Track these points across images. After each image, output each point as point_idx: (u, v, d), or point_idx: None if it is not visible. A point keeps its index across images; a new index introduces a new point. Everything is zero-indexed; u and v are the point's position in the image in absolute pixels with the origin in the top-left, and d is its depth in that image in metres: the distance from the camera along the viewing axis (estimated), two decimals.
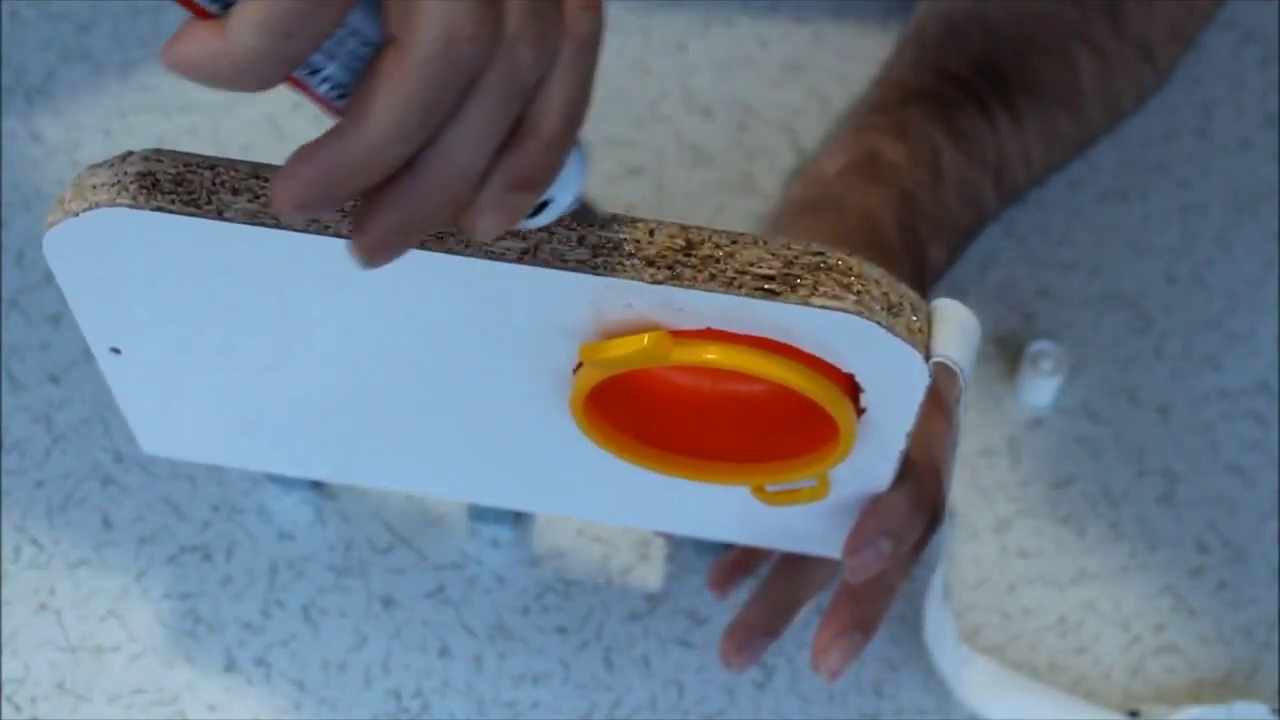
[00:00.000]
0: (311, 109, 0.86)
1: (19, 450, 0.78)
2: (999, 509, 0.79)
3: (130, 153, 0.55)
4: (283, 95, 0.87)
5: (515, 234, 0.54)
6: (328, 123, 0.90)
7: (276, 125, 0.86)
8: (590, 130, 0.87)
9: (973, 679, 0.74)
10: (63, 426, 0.78)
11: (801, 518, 0.66)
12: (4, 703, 0.73)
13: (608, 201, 0.84)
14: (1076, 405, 0.81)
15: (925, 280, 0.77)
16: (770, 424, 0.61)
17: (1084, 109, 0.83)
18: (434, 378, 0.61)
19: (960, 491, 0.79)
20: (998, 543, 0.78)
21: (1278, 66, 0.89)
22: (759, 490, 0.64)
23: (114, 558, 0.76)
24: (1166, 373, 0.82)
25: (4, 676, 0.74)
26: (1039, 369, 0.80)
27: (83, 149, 0.84)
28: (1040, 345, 0.80)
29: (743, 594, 0.75)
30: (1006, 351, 0.82)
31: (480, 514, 0.76)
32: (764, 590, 0.71)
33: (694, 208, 0.85)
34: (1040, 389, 0.80)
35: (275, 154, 0.85)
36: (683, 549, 0.77)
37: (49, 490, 0.77)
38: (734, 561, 0.73)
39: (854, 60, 0.89)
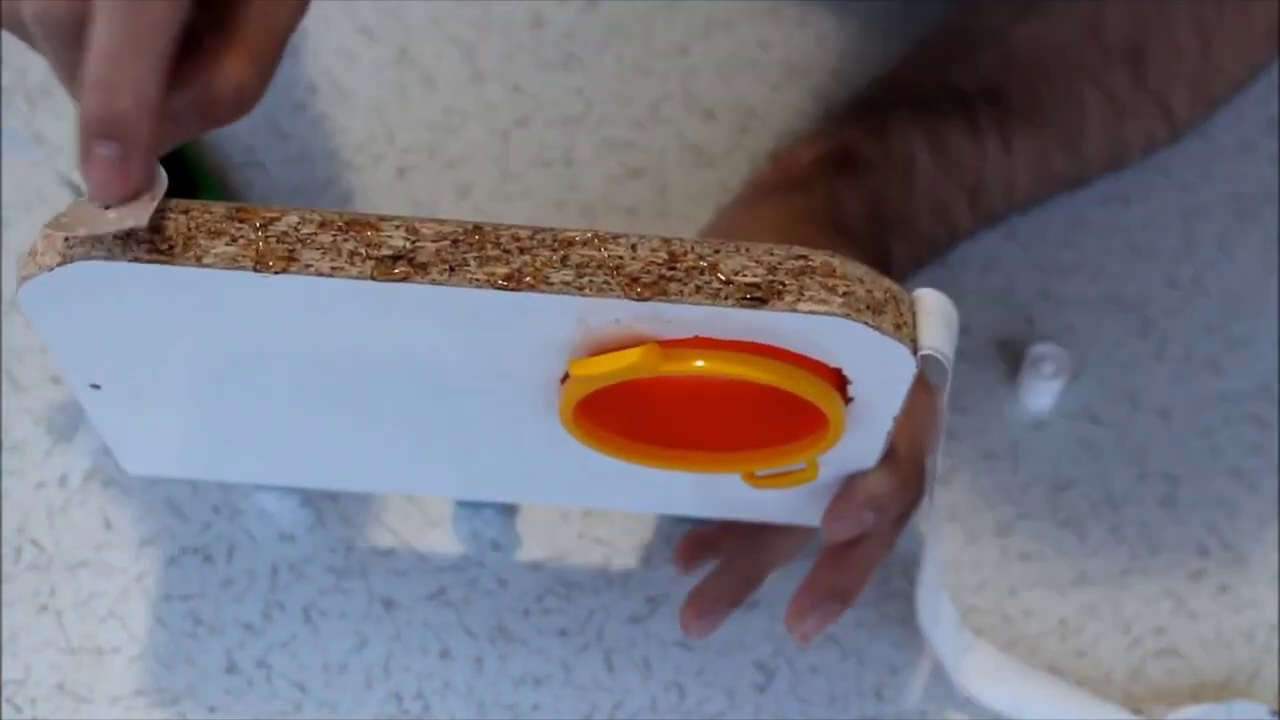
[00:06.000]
0: (313, 111, 0.86)
1: (19, 451, 0.78)
2: (1000, 512, 0.79)
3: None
4: (284, 96, 0.87)
5: (496, 259, 0.54)
6: (328, 124, 0.90)
7: (278, 127, 0.86)
8: (591, 131, 0.87)
9: (973, 666, 0.74)
10: (63, 428, 0.78)
11: (788, 494, 0.66)
12: (4, 704, 0.73)
13: (608, 203, 0.85)
14: (1078, 408, 0.81)
15: (889, 274, 0.77)
16: (759, 413, 0.61)
17: (1084, 152, 0.83)
18: (420, 395, 0.62)
19: (961, 494, 0.79)
20: (999, 546, 0.78)
21: (1278, 70, 0.89)
22: (748, 475, 0.64)
23: (114, 559, 0.76)
24: (1168, 376, 0.82)
25: (4, 678, 0.74)
26: (1040, 372, 0.80)
27: None
28: (1041, 348, 0.80)
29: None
30: (1007, 354, 0.82)
31: (463, 501, 0.76)
32: (729, 561, 0.72)
33: (695, 210, 0.85)
34: (1041, 392, 0.80)
35: (276, 155, 0.85)
36: None
37: (49, 491, 0.77)
38: (704, 539, 0.73)
39: (856, 63, 0.89)
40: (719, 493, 0.67)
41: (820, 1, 0.90)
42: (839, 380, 0.58)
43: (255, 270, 0.54)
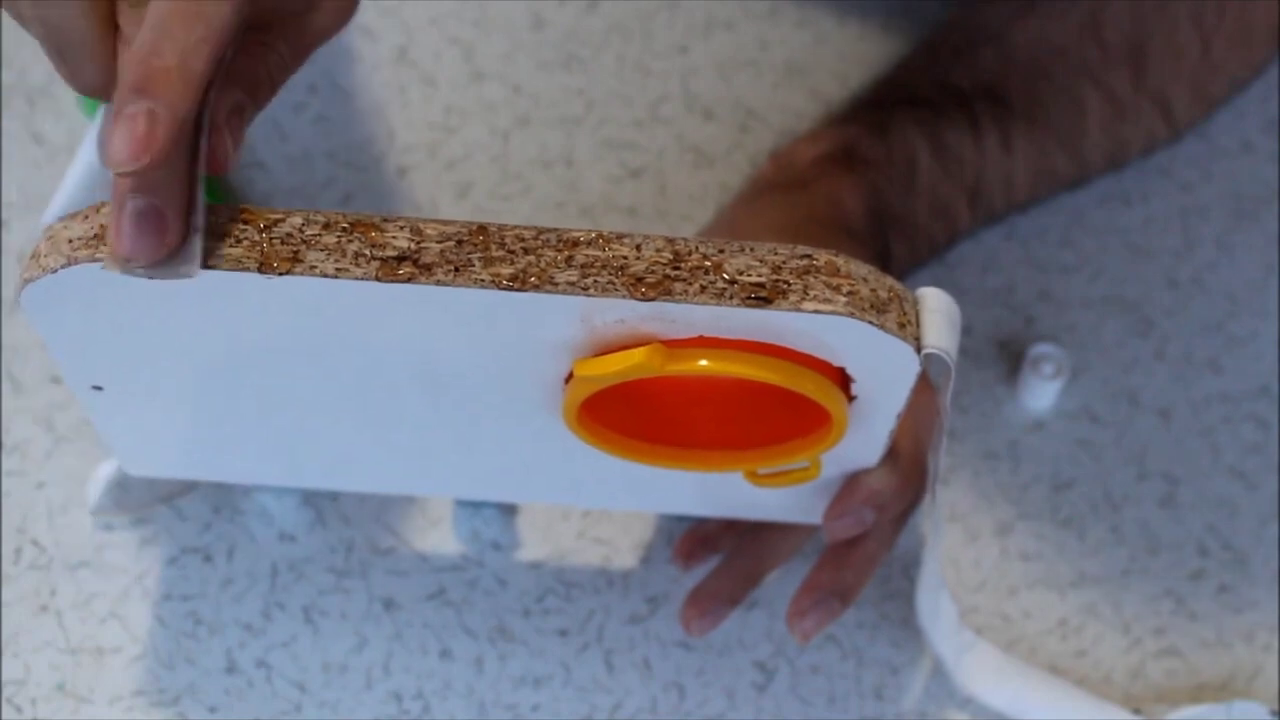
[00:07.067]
0: (313, 111, 0.86)
1: (20, 451, 0.78)
2: (1000, 512, 0.79)
3: (104, 203, 0.55)
4: (284, 97, 0.86)
5: (501, 259, 0.54)
6: (328, 124, 0.90)
7: (279, 127, 0.86)
8: (591, 131, 0.87)
9: (974, 666, 0.74)
10: (64, 428, 0.78)
11: (790, 493, 0.66)
12: (5, 704, 0.73)
13: (609, 203, 0.85)
14: (1078, 408, 0.81)
15: (888, 272, 0.77)
16: (763, 411, 0.61)
17: (1084, 152, 0.83)
18: (423, 395, 0.62)
19: (961, 494, 0.79)
20: (999, 546, 0.78)
21: (1278, 70, 0.89)
22: (751, 474, 0.64)
23: (115, 559, 0.76)
24: (1167, 376, 0.82)
25: (5, 678, 0.74)
26: (1040, 372, 0.80)
27: None
28: (1041, 349, 0.80)
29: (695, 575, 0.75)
30: (1007, 355, 0.82)
31: (463, 501, 0.76)
32: (729, 558, 0.72)
33: (695, 210, 0.85)
34: (1041, 392, 0.80)
35: (277, 156, 0.85)
36: None
37: (50, 492, 0.77)
38: (704, 536, 0.74)
39: (856, 63, 0.89)
40: (721, 492, 0.67)
41: (820, 1, 0.90)
42: (842, 379, 0.58)
43: (260, 272, 0.54)
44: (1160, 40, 0.81)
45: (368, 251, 0.54)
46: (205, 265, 0.54)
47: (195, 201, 0.54)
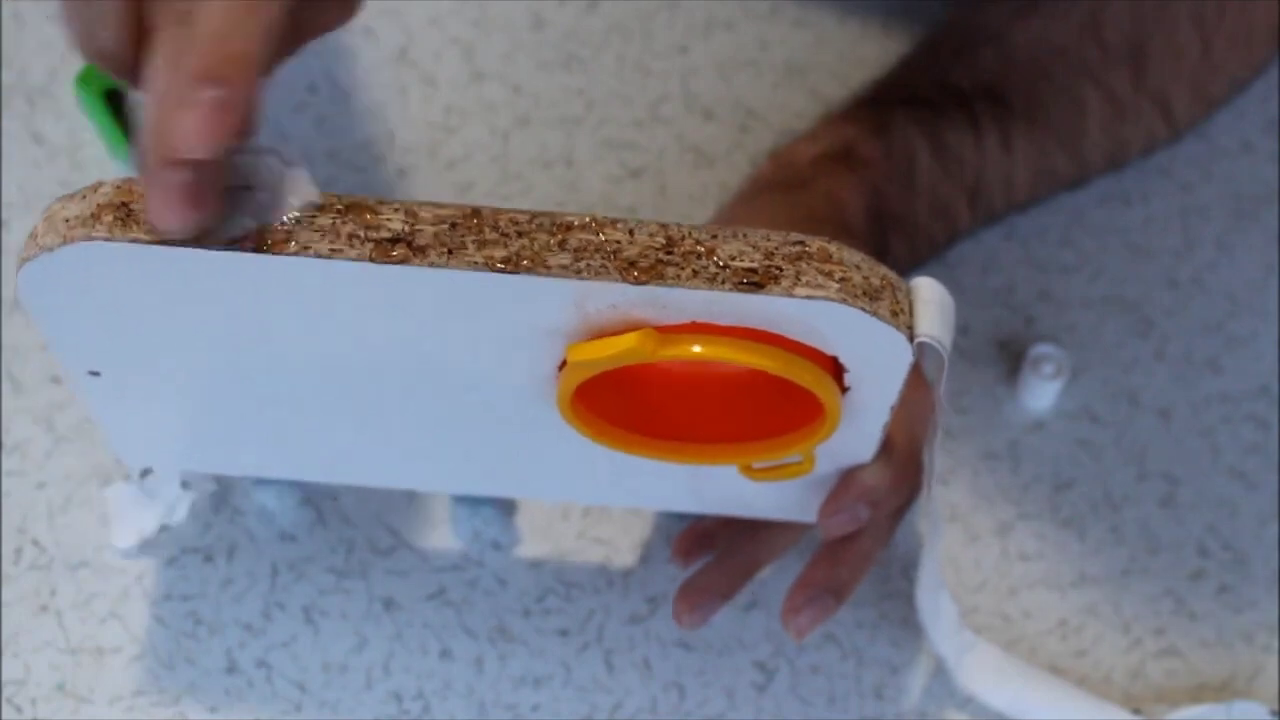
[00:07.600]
0: (313, 111, 0.86)
1: (20, 451, 0.78)
2: (1000, 512, 0.79)
3: (101, 182, 0.55)
4: (284, 97, 0.87)
5: (495, 242, 0.54)
6: (328, 124, 0.90)
7: (279, 126, 0.86)
8: (591, 131, 0.87)
9: (974, 665, 0.74)
10: (64, 428, 0.78)
11: (784, 489, 0.66)
12: (5, 704, 0.73)
13: (608, 203, 0.85)
14: (1078, 408, 0.81)
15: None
16: (756, 404, 0.61)
17: (1084, 152, 0.83)
18: (418, 385, 0.62)
19: (961, 494, 0.79)
20: (999, 546, 0.78)
21: (1278, 70, 0.89)
22: (746, 468, 0.64)
23: (115, 559, 0.76)
24: (1167, 376, 0.82)
25: (5, 678, 0.74)
26: (1040, 372, 0.80)
27: (84, 150, 0.84)
28: (1041, 349, 0.80)
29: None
30: (1007, 355, 0.82)
31: (463, 500, 0.76)
32: (722, 554, 0.72)
33: (695, 210, 0.85)
34: (1041, 392, 0.80)
35: None
36: None
37: (50, 492, 0.77)
38: (702, 533, 0.74)
39: (856, 63, 0.89)
40: (717, 488, 0.67)
41: (820, 1, 0.90)
42: (835, 368, 0.58)
43: (254, 250, 0.54)
44: (1160, 40, 0.81)
45: (362, 233, 0.55)
46: (202, 245, 0.54)
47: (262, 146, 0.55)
